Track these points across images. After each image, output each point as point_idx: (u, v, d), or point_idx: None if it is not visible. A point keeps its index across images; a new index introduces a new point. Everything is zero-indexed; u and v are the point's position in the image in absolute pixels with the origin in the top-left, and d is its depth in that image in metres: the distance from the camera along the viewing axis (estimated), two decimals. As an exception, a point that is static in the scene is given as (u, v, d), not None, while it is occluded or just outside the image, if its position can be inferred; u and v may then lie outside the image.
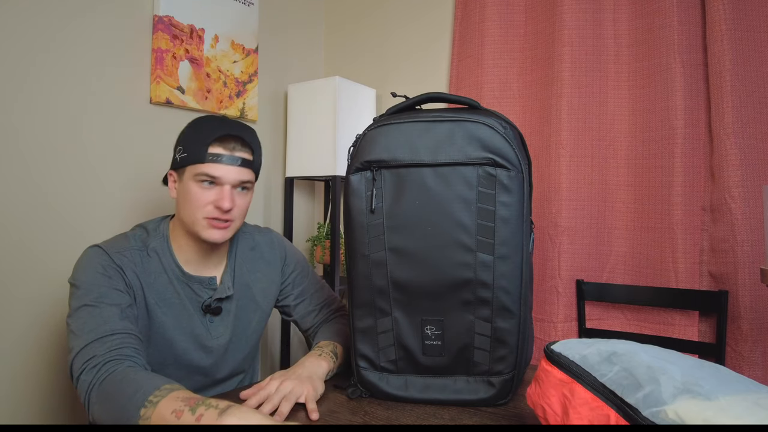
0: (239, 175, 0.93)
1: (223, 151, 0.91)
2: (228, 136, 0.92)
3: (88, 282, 0.86)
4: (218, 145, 0.91)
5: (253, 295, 1.06)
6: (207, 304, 0.98)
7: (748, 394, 0.51)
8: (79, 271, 0.88)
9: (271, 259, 1.10)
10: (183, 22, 1.62)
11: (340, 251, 1.82)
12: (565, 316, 1.55)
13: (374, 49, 2.11)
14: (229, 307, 1.01)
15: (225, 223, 0.93)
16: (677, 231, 1.40)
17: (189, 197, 0.92)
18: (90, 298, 0.84)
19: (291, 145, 1.92)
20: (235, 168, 0.92)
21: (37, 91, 1.30)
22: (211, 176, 0.91)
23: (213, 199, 0.91)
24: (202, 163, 0.90)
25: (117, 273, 0.88)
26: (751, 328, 1.29)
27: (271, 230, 1.16)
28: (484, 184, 0.80)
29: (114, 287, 0.87)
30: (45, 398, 1.31)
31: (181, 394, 0.70)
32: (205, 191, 0.91)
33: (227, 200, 0.91)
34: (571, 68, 1.54)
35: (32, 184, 1.30)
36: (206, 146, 0.90)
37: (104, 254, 0.90)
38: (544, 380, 0.64)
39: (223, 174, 0.91)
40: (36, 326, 1.30)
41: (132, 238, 0.96)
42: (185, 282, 0.97)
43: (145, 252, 0.94)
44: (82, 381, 0.76)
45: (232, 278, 1.02)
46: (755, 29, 1.34)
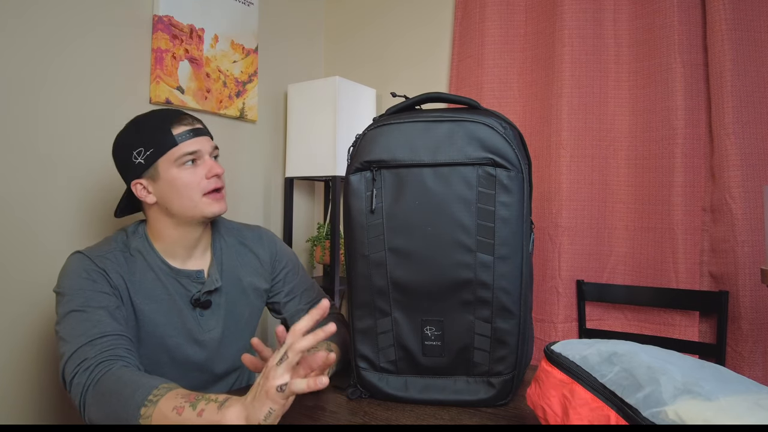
0: (210, 143, 0.98)
1: (186, 128, 0.95)
2: (177, 115, 0.96)
3: (73, 288, 0.86)
4: (177, 126, 0.94)
5: (244, 288, 1.06)
6: (196, 298, 0.98)
7: (748, 394, 0.51)
8: (63, 279, 0.88)
9: (260, 254, 1.10)
10: (183, 21, 1.62)
11: (340, 251, 1.82)
12: (565, 317, 1.54)
13: (374, 49, 2.11)
14: (219, 301, 1.02)
15: (220, 192, 0.98)
16: (677, 231, 1.40)
17: (180, 184, 0.93)
18: (76, 303, 0.84)
19: (291, 145, 1.92)
20: (203, 138, 0.96)
21: (36, 91, 1.30)
22: (190, 153, 0.93)
23: (204, 173, 0.95)
24: (176, 146, 0.93)
25: (101, 276, 0.89)
26: (752, 328, 1.29)
27: (260, 227, 1.16)
28: (484, 185, 0.80)
29: (99, 290, 0.87)
30: (36, 402, 1.31)
31: (180, 392, 0.71)
32: (192, 170, 0.94)
33: (217, 166, 0.96)
34: (572, 68, 1.54)
35: (30, 184, 1.29)
36: (168, 132, 0.93)
37: (86, 259, 0.90)
38: (544, 381, 0.64)
39: (199, 146, 0.95)
40: (24, 329, 1.30)
41: (114, 240, 0.97)
42: (173, 277, 0.97)
43: (128, 252, 0.95)
44: (76, 384, 0.76)
45: (219, 271, 1.02)
46: (755, 29, 1.34)
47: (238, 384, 1.08)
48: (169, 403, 0.68)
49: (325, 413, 0.82)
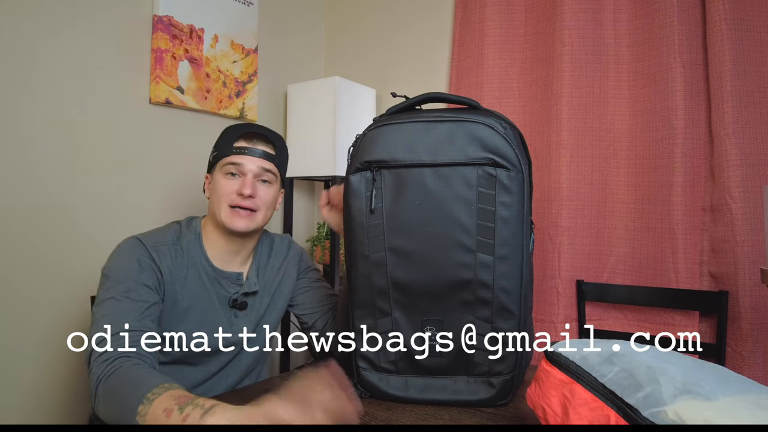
0: (260, 164, 1.00)
1: (246, 144, 1.01)
2: (251, 133, 1.02)
3: (119, 274, 0.89)
4: (242, 140, 1.01)
5: (275, 292, 1.10)
6: (234, 299, 1.01)
7: (748, 394, 0.51)
8: (113, 260, 0.92)
9: (289, 258, 1.15)
10: (182, 22, 1.62)
11: (340, 251, 1.82)
12: (565, 317, 1.54)
13: (374, 49, 2.11)
14: (253, 304, 1.06)
15: (247, 211, 0.99)
16: (677, 231, 1.40)
17: (216, 188, 1.00)
18: (117, 291, 0.87)
19: (291, 145, 1.91)
20: (256, 158, 1.00)
21: (35, 90, 1.30)
22: (234, 164, 0.99)
23: (236, 188, 0.99)
24: (228, 156, 0.99)
25: (150, 267, 0.92)
26: (752, 328, 1.29)
27: (287, 235, 1.23)
28: (484, 185, 0.80)
29: (143, 283, 0.89)
30: (52, 395, 1.31)
31: (175, 393, 0.70)
32: (230, 181, 0.99)
33: (248, 186, 0.98)
34: (571, 68, 1.54)
35: (30, 184, 1.29)
36: (232, 142, 1.00)
37: (141, 246, 0.93)
38: (544, 381, 0.64)
39: (244, 162, 0.99)
40: (36, 328, 1.30)
41: (167, 232, 1.00)
42: (214, 277, 1.01)
43: (179, 246, 0.99)
44: (93, 373, 0.78)
45: (257, 275, 1.07)
46: (755, 29, 1.34)
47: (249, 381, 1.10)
48: (162, 403, 0.68)
49: (325, 413, 0.81)
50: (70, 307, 1.36)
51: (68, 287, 1.35)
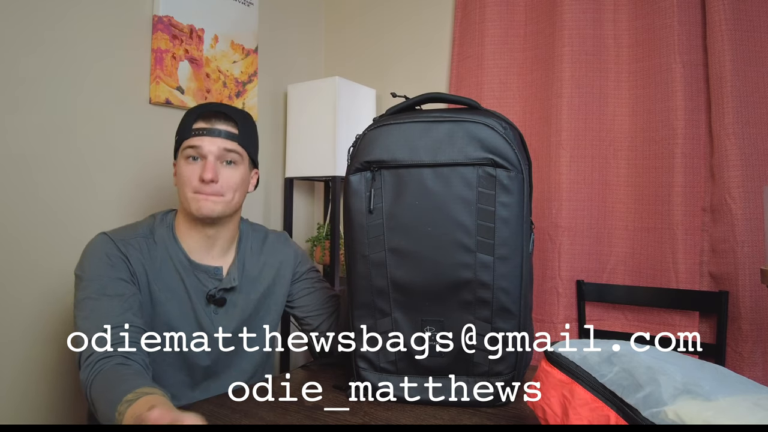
0: (221, 145, 0.95)
1: (204, 125, 0.95)
2: (209, 112, 0.96)
3: (91, 272, 0.87)
4: (201, 121, 0.95)
5: (263, 290, 1.05)
6: (211, 294, 0.98)
7: (748, 394, 0.51)
8: (84, 260, 0.90)
9: (283, 258, 1.10)
10: (182, 22, 1.62)
11: (340, 252, 1.82)
12: (565, 317, 1.54)
13: (374, 49, 2.11)
14: (235, 301, 1.01)
15: (212, 196, 0.94)
16: (677, 231, 1.40)
17: (179, 175, 0.96)
18: (92, 290, 0.85)
19: (291, 146, 1.92)
20: (216, 139, 0.94)
21: (35, 91, 1.30)
22: (193, 146, 0.94)
23: (198, 173, 0.94)
24: (187, 139, 0.94)
25: (121, 261, 0.90)
26: (752, 328, 1.29)
27: (284, 232, 1.18)
28: (484, 185, 0.80)
29: (117, 277, 0.88)
30: (48, 396, 1.31)
31: (150, 399, 0.66)
32: (191, 166, 0.95)
33: (209, 170, 0.92)
34: (571, 68, 1.54)
35: (30, 184, 1.29)
36: (191, 124, 0.95)
37: (110, 242, 0.91)
38: (544, 381, 0.64)
39: (203, 144, 0.94)
40: (34, 324, 1.30)
41: (140, 226, 0.98)
42: (191, 270, 0.97)
43: (152, 239, 0.96)
44: (82, 378, 0.77)
45: (240, 272, 1.02)
46: (755, 29, 1.34)
47: None
48: (134, 411, 0.65)
49: (325, 413, 0.82)
50: (70, 307, 1.35)
51: (68, 287, 1.35)
